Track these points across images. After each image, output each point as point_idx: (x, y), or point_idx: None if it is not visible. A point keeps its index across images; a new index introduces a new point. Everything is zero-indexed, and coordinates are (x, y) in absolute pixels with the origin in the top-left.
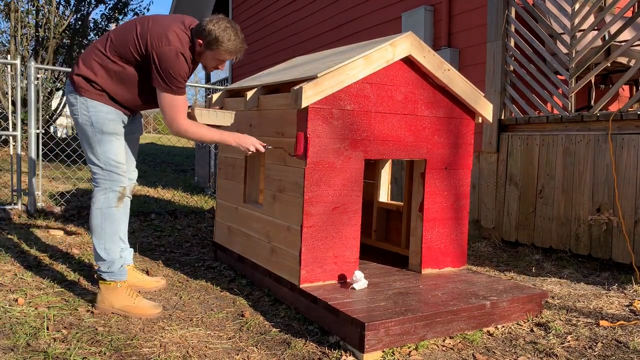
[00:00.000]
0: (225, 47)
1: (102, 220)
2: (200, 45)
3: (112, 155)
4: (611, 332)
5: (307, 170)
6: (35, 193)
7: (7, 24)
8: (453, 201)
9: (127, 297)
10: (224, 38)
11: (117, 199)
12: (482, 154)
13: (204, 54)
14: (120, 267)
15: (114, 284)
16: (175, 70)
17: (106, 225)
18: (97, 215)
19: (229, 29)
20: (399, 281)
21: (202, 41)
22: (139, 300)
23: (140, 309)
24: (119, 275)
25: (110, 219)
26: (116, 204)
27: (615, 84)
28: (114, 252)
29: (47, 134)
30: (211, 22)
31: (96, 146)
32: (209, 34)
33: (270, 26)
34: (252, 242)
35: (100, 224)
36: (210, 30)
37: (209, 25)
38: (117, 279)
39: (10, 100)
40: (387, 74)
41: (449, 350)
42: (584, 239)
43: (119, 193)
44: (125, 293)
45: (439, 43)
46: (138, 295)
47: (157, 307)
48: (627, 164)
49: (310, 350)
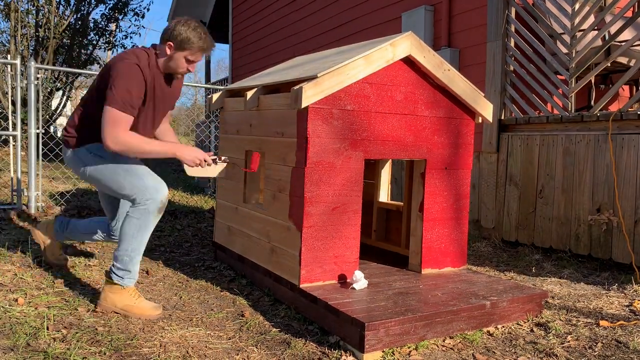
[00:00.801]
0: (198, 45)
1: (136, 230)
2: (171, 48)
3: (131, 169)
4: (611, 332)
5: (307, 170)
6: (35, 193)
7: (7, 23)
8: (453, 201)
9: (129, 297)
10: (195, 37)
11: (157, 211)
12: (482, 154)
13: (174, 56)
14: (133, 275)
15: (119, 286)
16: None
17: (138, 234)
18: (134, 224)
19: (198, 28)
20: (399, 281)
21: (173, 43)
22: (140, 301)
23: (141, 309)
24: (128, 281)
25: (144, 229)
26: (156, 215)
27: (615, 84)
28: (135, 262)
29: (47, 133)
30: (179, 23)
31: (112, 178)
32: (180, 34)
33: (270, 26)
34: (252, 242)
35: (133, 234)
36: (180, 31)
37: (178, 27)
38: (125, 285)
39: (10, 100)
40: (387, 74)
41: (449, 350)
42: (584, 239)
43: (161, 203)
44: (129, 294)
45: (439, 43)
46: (140, 296)
47: (158, 308)
48: (627, 164)
49: (310, 350)
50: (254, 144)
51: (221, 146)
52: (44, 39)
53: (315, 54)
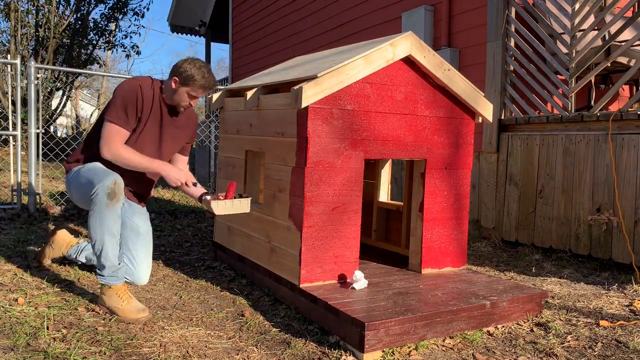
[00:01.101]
0: (200, 83)
1: (94, 221)
2: (176, 82)
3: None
4: (611, 332)
5: (307, 170)
6: (35, 193)
7: (7, 23)
8: (453, 201)
9: (116, 299)
10: (199, 75)
11: (106, 196)
12: (482, 154)
13: (178, 91)
14: (112, 272)
15: (106, 286)
16: (125, 98)
17: (97, 226)
18: (92, 216)
19: (202, 68)
20: (399, 281)
21: (178, 78)
22: (128, 303)
23: (126, 312)
24: (110, 279)
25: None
26: (107, 202)
27: (616, 84)
28: (106, 256)
29: (47, 133)
30: (186, 62)
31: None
32: (185, 71)
33: (270, 26)
34: (252, 242)
35: (93, 225)
36: (185, 68)
37: (185, 64)
38: (108, 283)
39: (10, 100)
40: (387, 74)
41: (449, 350)
42: (584, 239)
43: (109, 188)
44: (116, 294)
45: (439, 43)
46: (129, 297)
47: (143, 312)
48: (627, 164)
49: (310, 350)
50: (254, 144)
51: (221, 146)
52: (44, 38)
53: (315, 54)
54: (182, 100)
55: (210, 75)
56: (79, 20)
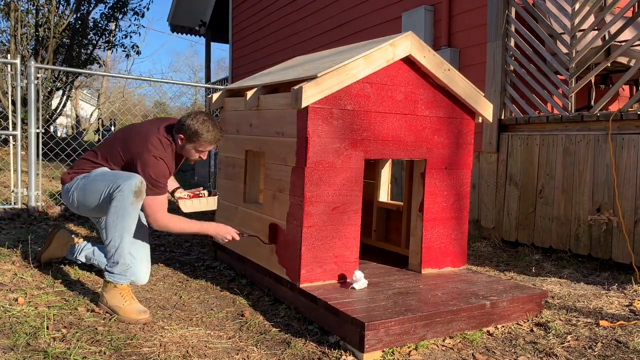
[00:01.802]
0: (205, 138)
1: (116, 217)
2: (182, 140)
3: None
4: (611, 332)
5: (307, 170)
6: (35, 192)
7: (7, 23)
8: (453, 201)
9: (119, 298)
10: (203, 130)
11: (133, 194)
12: (482, 154)
13: (185, 147)
14: (123, 270)
15: (112, 284)
16: (157, 174)
17: (118, 221)
18: (113, 211)
19: (206, 122)
20: (399, 281)
21: (183, 135)
22: (130, 304)
23: (127, 312)
24: (119, 278)
25: (124, 215)
26: (132, 200)
27: (616, 84)
28: (121, 254)
29: (47, 133)
30: (189, 118)
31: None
32: (189, 129)
33: (270, 26)
34: (252, 241)
35: (114, 221)
36: (189, 125)
37: (188, 121)
38: (116, 282)
39: (10, 100)
40: (387, 74)
41: (449, 350)
42: (584, 239)
43: (136, 187)
44: (119, 294)
45: (439, 43)
46: (131, 299)
47: (144, 313)
48: (627, 164)
49: (310, 350)
50: (254, 143)
51: (221, 146)
52: (44, 38)
53: (315, 54)
54: (190, 155)
55: (215, 129)
56: (79, 20)
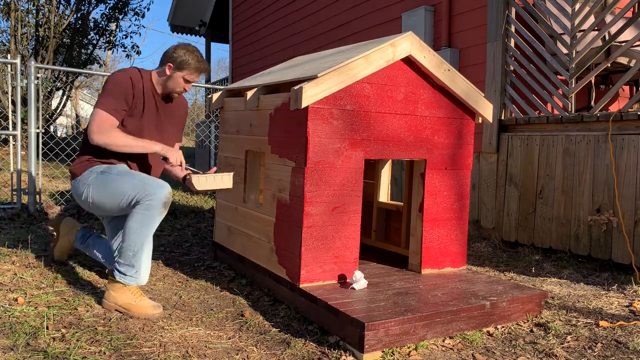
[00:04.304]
0: (195, 66)
1: (140, 225)
2: (170, 68)
3: (134, 179)
4: (611, 332)
5: (307, 170)
6: (35, 192)
7: (7, 23)
8: (453, 201)
9: (130, 296)
10: (193, 59)
11: (162, 205)
12: (482, 154)
13: (172, 76)
14: (134, 273)
15: (121, 285)
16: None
17: (142, 229)
18: (138, 219)
19: (195, 52)
20: (398, 281)
21: (172, 64)
22: (142, 300)
23: (141, 307)
24: (130, 279)
25: (148, 224)
26: (161, 210)
27: (616, 85)
28: (138, 259)
29: (47, 133)
30: (178, 47)
31: (113, 187)
32: (179, 57)
33: (270, 26)
34: (252, 241)
35: (137, 228)
36: (179, 53)
37: (177, 50)
38: (126, 283)
39: (10, 100)
40: (388, 74)
41: (449, 350)
42: (583, 239)
43: (166, 198)
44: (130, 292)
45: (439, 43)
46: (142, 295)
47: (158, 308)
48: (627, 165)
49: (310, 350)
50: (254, 143)
51: (221, 146)
52: (44, 38)
53: (315, 54)
54: (177, 86)
55: (202, 58)
56: (79, 20)
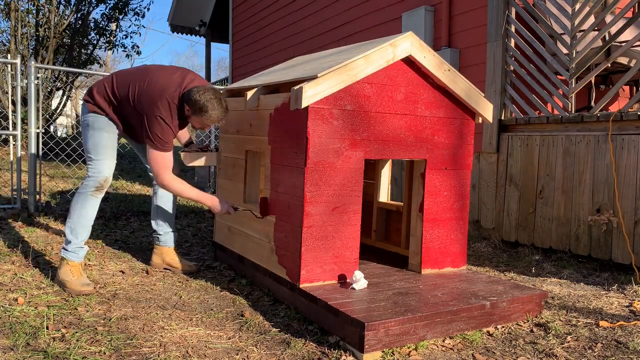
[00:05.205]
0: (209, 115)
1: (76, 203)
2: (188, 111)
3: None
4: (611, 332)
5: (307, 170)
6: (35, 192)
7: (7, 23)
8: (453, 201)
9: (68, 273)
10: (208, 108)
11: (94, 188)
12: (482, 154)
13: (191, 117)
14: (74, 248)
15: (65, 261)
16: (162, 134)
17: (77, 208)
18: (76, 197)
19: (212, 100)
20: (399, 281)
21: (190, 108)
22: (76, 278)
23: (72, 284)
24: (70, 255)
25: (83, 204)
26: (92, 192)
27: (616, 85)
28: (75, 234)
29: (47, 133)
30: (198, 93)
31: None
32: (196, 103)
33: (270, 26)
34: (252, 242)
35: (74, 206)
36: (196, 100)
37: (196, 96)
38: (68, 258)
39: (10, 100)
40: (388, 74)
41: (449, 350)
42: (583, 239)
43: (99, 183)
44: (69, 269)
45: (439, 43)
46: (79, 274)
47: (87, 286)
48: (627, 165)
49: (310, 350)
50: (254, 143)
51: (221, 146)
52: (44, 38)
53: (315, 54)
54: (195, 125)
55: (220, 107)
56: (79, 20)
